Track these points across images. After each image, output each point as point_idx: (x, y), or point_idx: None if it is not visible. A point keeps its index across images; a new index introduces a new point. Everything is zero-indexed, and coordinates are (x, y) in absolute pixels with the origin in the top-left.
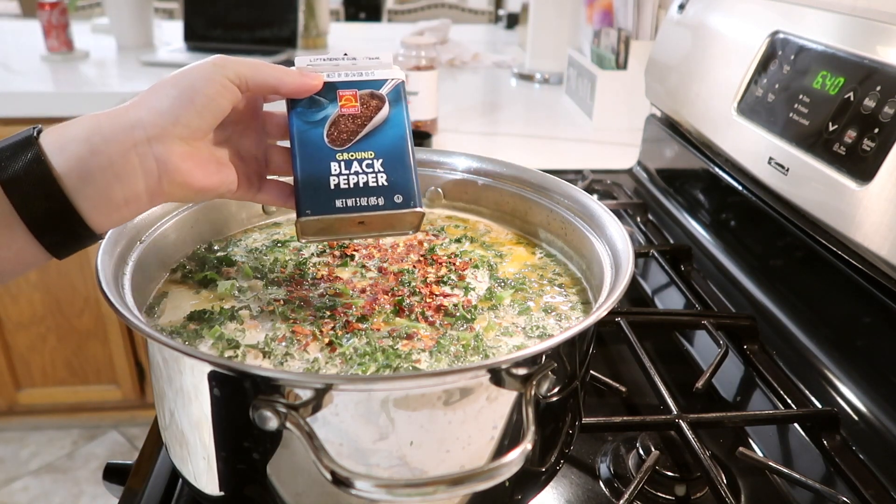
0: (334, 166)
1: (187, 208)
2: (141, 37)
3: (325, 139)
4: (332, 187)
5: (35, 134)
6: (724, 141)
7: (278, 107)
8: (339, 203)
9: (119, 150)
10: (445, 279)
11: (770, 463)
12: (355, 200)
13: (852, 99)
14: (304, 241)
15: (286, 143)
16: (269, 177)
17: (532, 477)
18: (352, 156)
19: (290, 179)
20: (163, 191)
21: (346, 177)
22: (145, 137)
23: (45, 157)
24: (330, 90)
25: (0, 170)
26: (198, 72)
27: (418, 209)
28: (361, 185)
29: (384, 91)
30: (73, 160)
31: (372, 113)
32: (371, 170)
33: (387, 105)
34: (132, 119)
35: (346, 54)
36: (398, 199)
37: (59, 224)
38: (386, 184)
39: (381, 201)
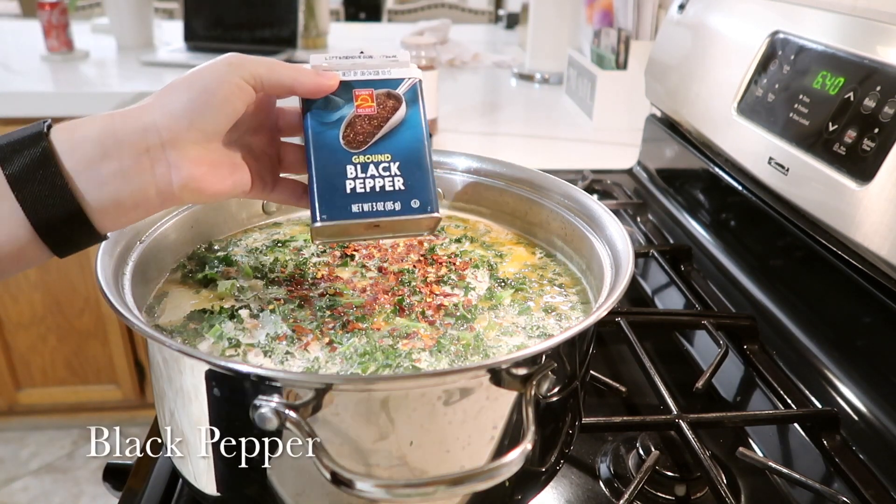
0: (350, 169)
1: (187, 208)
2: (141, 37)
3: (341, 141)
4: (348, 191)
5: (45, 129)
6: (724, 141)
7: (290, 101)
8: (355, 208)
9: (131, 153)
10: (445, 279)
11: (770, 463)
12: (371, 205)
13: (852, 99)
14: (317, 242)
15: (298, 141)
16: (281, 175)
17: (532, 477)
18: (368, 158)
19: (302, 178)
20: (174, 196)
21: (362, 180)
22: (159, 142)
23: (57, 158)
24: (346, 89)
25: (8, 166)
26: (212, 72)
27: (436, 214)
28: (378, 189)
29: (401, 91)
30: (85, 162)
31: (388, 114)
32: (388, 173)
33: (403, 105)
34: (146, 122)
35: (362, 52)
36: (415, 203)
37: (66, 226)
38: (403, 188)
39: (397, 206)
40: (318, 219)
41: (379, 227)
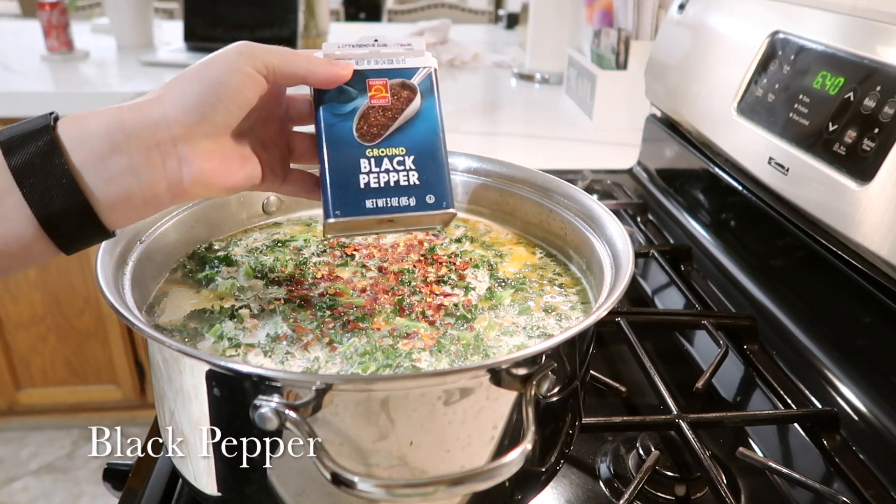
0: (364, 163)
1: (187, 208)
2: (141, 37)
3: (355, 134)
4: (362, 186)
5: (52, 122)
6: (724, 141)
7: (298, 89)
8: (369, 204)
9: (141, 148)
10: (446, 279)
11: (770, 463)
12: (386, 201)
13: (852, 99)
14: (329, 236)
15: (308, 129)
16: (292, 165)
17: (532, 477)
18: (382, 152)
19: (314, 168)
20: (185, 191)
21: (376, 175)
22: (170, 136)
23: (64, 151)
24: (359, 79)
25: (12, 158)
26: (223, 62)
27: (451, 210)
28: (392, 184)
29: (416, 81)
30: (93, 157)
31: (403, 105)
32: (402, 167)
33: (419, 96)
34: (156, 116)
35: (376, 40)
36: (430, 199)
37: (73, 221)
38: (418, 182)
39: (412, 202)
40: (332, 214)
41: (392, 221)
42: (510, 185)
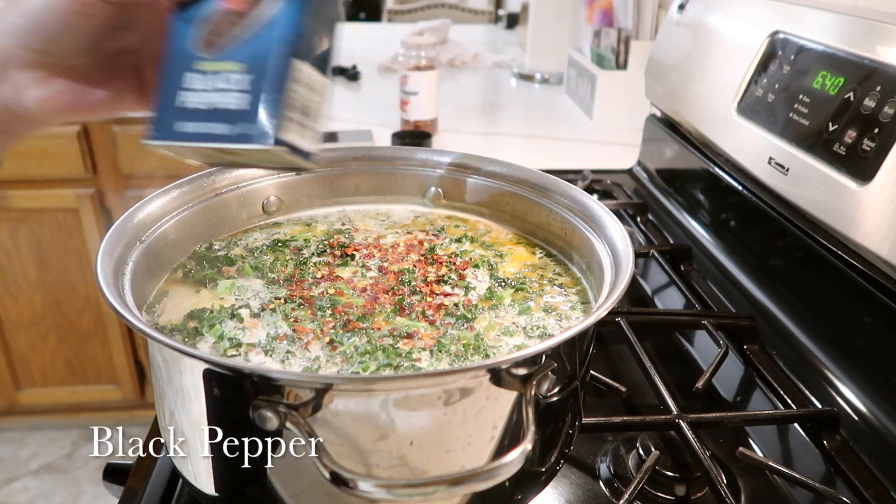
0: (189, 79)
1: (187, 208)
2: None
3: (195, 43)
4: (180, 107)
5: None
6: (724, 141)
7: None
8: (184, 128)
9: None
10: (446, 279)
11: (770, 463)
12: (203, 127)
13: (852, 99)
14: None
15: None
16: None
17: (532, 477)
18: (215, 66)
19: None
20: (34, 118)
21: (200, 94)
22: None
23: None
24: None
25: None
26: None
27: (267, 146)
28: (220, 107)
29: None
30: None
31: (254, 9)
32: (235, 87)
33: (279, 1)
34: None
35: None
36: (249, 130)
37: None
38: (247, 108)
39: (230, 131)
40: (146, 136)
41: (227, 153)
42: (510, 185)
